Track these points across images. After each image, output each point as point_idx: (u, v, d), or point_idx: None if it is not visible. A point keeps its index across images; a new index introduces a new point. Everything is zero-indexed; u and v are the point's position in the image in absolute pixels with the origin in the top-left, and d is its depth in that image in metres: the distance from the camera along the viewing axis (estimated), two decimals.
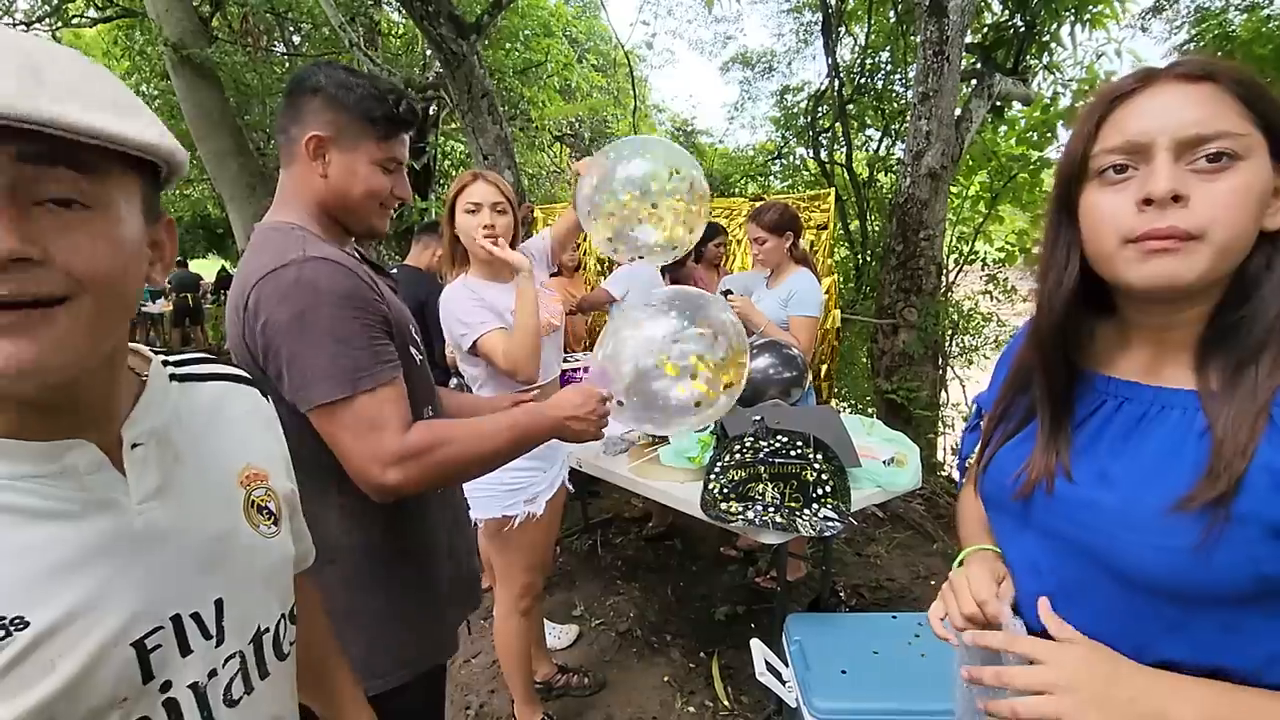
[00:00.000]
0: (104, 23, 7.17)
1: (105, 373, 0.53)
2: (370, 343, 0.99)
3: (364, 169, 1.09)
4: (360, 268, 1.05)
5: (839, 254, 5.61)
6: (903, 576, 3.15)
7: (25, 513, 0.48)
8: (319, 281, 0.96)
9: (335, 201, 1.10)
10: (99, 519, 0.51)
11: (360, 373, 0.97)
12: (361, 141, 1.08)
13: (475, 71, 4.38)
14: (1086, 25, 4.49)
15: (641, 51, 10.13)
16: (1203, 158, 0.60)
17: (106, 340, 0.50)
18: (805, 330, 2.59)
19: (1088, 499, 0.67)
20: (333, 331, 0.96)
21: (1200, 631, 0.61)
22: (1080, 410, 0.72)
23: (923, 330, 4.12)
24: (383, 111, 1.08)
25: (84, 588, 0.49)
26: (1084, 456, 0.70)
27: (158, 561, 0.54)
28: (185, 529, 0.57)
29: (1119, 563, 0.64)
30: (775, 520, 1.73)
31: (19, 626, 0.45)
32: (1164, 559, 0.60)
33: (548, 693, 2.33)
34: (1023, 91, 4.62)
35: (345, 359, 0.96)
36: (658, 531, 3.54)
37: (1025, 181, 4.72)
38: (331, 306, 0.96)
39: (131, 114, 0.48)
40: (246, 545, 0.63)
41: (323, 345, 0.95)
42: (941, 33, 3.79)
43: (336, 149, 1.07)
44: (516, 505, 1.86)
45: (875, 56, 6.39)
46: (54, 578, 0.48)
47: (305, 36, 7.86)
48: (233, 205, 5.53)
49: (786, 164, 7.45)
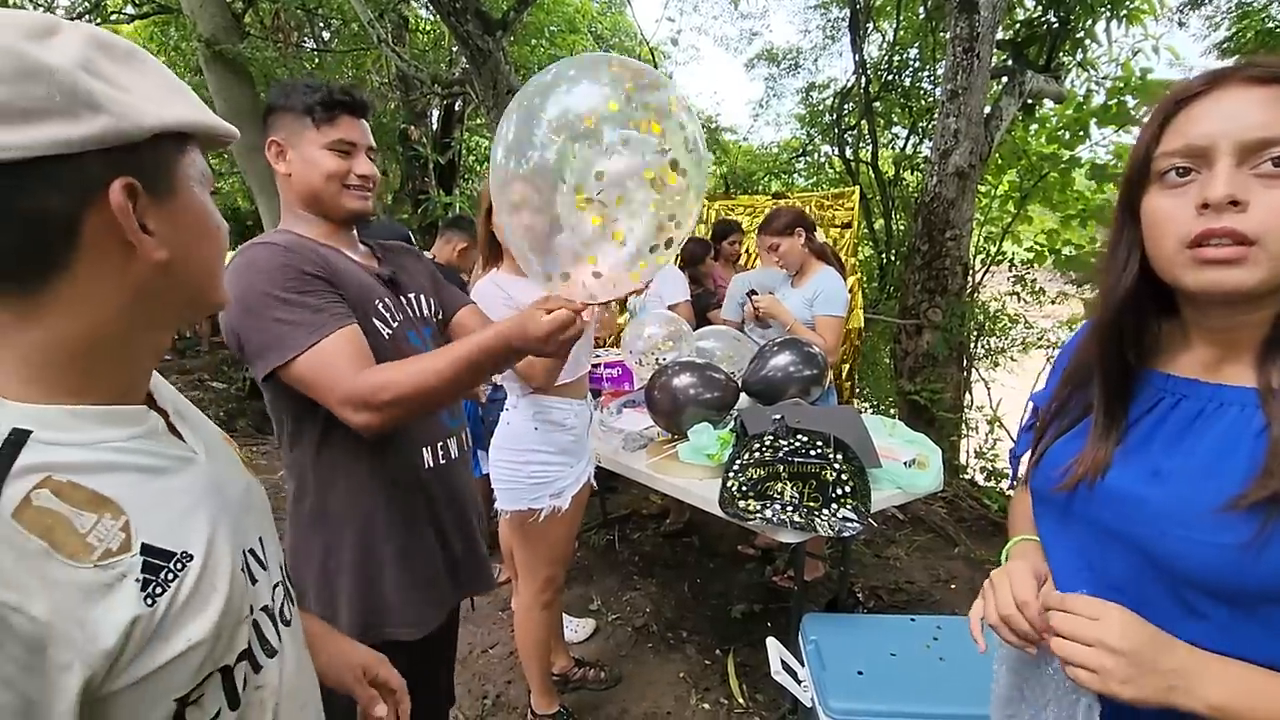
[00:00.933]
0: (141, 19, 7.33)
1: (157, 355, 0.62)
2: (306, 304, 1.07)
3: (314, 155, 1.17)
4: (305, 245, 1.14)
5: (863, 253, 5.56)
6: (922, 580, 3.11)
7: (149, 470, 0.56)
8: (257, 261, 1.08)
9: (306, 193, 1.20)
10: (189, 472, 0.60)
11: (300, 332, 1.05)
12: (305, 132, 1.17)
13: (501, 68, 4.41)
14: (1123, 21, 4.39)
15: (666, 48, 10.11)
16: (1268, 161, 0.59)
17: None
18: (831, 330, 2.57)
19: (1137, 495, 0.67)
20: (269, 302, 1.06)
21: (1245, 630, 0.61)
22: (1136, 408, 0.72)
23: (947, 331, 4.07)
24: (314, 99, 1.16)
25: (206, 527, 0.58)
26: (1137, 453, 0.70)
27: (226, 506, 0.62)
28: (228, 480, 0.66)
29: (1166, 558, 0.65)
30: (793, 519, 1.72)
31: (189, 558, 0.54)
32: (1213, 555, 0.61)
33: (564, 685, 2.34)
34: (1055, 89, 4.53)
35: (284, 324, 1.05)
36: (675, 528, 3.55)
37: (1056, 181, 4.63)
38: (265, 281, 1.06)
39: None
40: (258, 493, 0.73)
41: (263, 315, 1.06)
42: (972, 29, 3.73)
43: (290, 147, 1.18)
44: (542, 499, 1.87)
45: (903, 53, 6.31)
46: (188, 520, 0.57)
47: (334, 33, 7.96)
48: (261, 199, 5.63)
49: (811, 162, 7.40)
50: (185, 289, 0.58)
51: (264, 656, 0.63)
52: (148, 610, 0.50)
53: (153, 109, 0.52)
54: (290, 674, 0.67)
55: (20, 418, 0.49)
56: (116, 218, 0.50)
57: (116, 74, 0.51)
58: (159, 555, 0.52)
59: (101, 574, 0.48)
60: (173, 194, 0.55)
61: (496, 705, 2.35)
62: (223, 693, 0.57)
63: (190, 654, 0.53)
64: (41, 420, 0.50)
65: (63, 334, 0.51)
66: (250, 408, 5.79)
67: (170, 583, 0.52)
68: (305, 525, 1.19)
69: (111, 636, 0.47)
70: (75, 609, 0.46)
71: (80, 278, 0.50)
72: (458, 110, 7.81)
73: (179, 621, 0.52)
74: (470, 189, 8.00)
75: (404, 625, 1.22)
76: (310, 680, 0.75)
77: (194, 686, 0.53)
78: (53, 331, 0.51)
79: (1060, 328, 4.54)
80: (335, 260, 1.17)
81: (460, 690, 2.33)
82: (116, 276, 0.52)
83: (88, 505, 0.49)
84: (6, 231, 0.47)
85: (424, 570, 1.26)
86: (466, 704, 2.34)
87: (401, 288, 1.29)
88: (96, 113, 0.48)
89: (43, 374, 0.52)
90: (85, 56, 0.49)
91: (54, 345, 0.51)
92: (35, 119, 0.46)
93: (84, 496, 0.49)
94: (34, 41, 0.47)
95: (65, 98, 0.47)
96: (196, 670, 0.53)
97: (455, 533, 1.32)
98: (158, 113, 0.52)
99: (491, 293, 1.82)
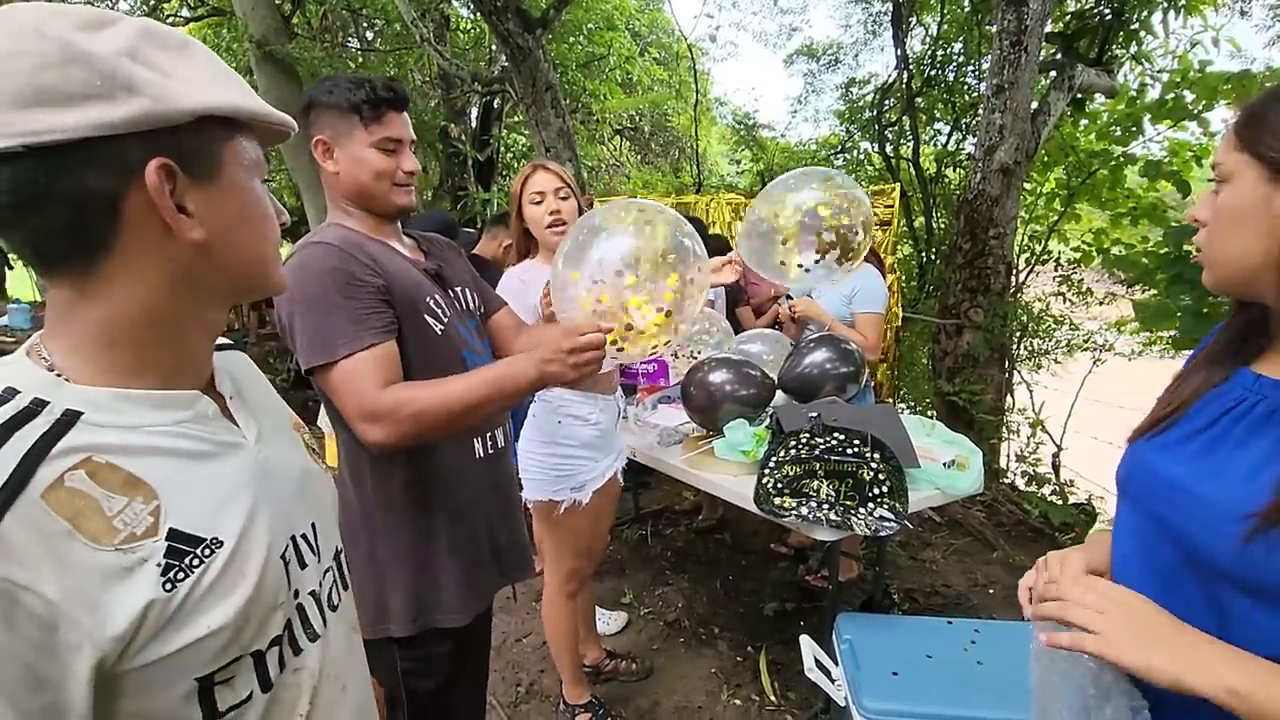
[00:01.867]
0: (195, 21, 7.59)
1: (210, 336, 0.64)
2: (351, 312, 1.10)
3: (363, 154, 1.19)
4: (360, 246, 1.16)
5: (902, 251, 5.46)
6: (959, 583, 3.06)
7: (192, 455, 0.57)
8: (310, 262, 1.11)
9: (355, 191, 1.22)
10: (235, 457, 0.61)
11: (340, 339, 1.08)
12: (353, 131, 1.18)
13: (540, 65, 4.45)
14: (1181, 11, 4.23)
15: (704, 44, 10.05)
16: None
17: None
18: (872, 327, 2.54)
19: (1195, 491, 0.68)
20: (316, 304, 1.10)
21: (1274, 629, 0.61)
22: (1219, 404, 0.72)
23: (989, 332, 3.98)
24: (360, 97, 1.17)
25: (244, 513, 0.59)
26: (1207, 453, 0.70)
27: (275, 492, 0.64)
28: (282, 464, 0.67)
29: (1204, 552, 0.65)
30: (829, 517, 1.72)
31: (218, 545, 0.56)
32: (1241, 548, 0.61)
33: (596, 676, 2.37)
34: (1106, 83, 4.39)
35: (326, 328, 1.09)
36: (708, 525, 3.55)
37: (1105, 179, 4.48)
38: (315, 283, 1.10)
39: None
40: (319, 479, 0.75)
41: (308, 317, 1.10)
42: (1020, 22, 3.63)
43: (337, 145, 1.20)
44: (563, 491, 1.90)
45: (947, 47, 6.18)
46: (225, 506, 0.58)
47: (378, 32, 8.12)
48: (307, 195, 5.79)
49: (850, 159, 7.29)
50: (227, 271, 0.59)
51: (305, 640, 0.65)
52: (165, 595, 0.51)
53: (194, 93, 0.53)
54: (333, 657, 0.69)
55: (75, 399, 0.52)
56: (152, 197, 0.52)
57: (164, 61, 0.53)
58: (186, 541, 0.53)
59: (122, 557, 0.49)
60: (215, 177, 0.56)
61: (530, 693, 2.39)
62: (255, 676, 0.58)
63: (210, 639, 0.53)
64: (94, 403, 0.53)
65: (116, 313, 0.54)
66: (293, 398, 5.96)
67: (195, 568, 0.53)
68: (356, 511, 1.23)
69: (123, 622, 0.48)
70: (89, 592, 0.47)
71: (125, 257, 0.53)
72: (496, 108, 7.90)
73: (201, 607, 0.53)
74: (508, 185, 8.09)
75: (453, 612, 1.25)
76: (357, 663, 0.76)
77: (219, 668, 0.55)
78: (108, 310, 0.54)
79: (1108, 330, 4.39)
80: (387, 259, 1.20)
81: (494, 678, 2.38)
82: (158, 255, 0.54)
83: (121, 488, 0.51)
84: (55, 210, 0.50)
85: (474, 557, 1.29)
86: (500, 691, 2.39)
87: (448, 282, 1.32)
88: (133, 95, 0.50)
89: (103, 354, 0.55)
90: (132, 45, 0.51)
91: (110, 324, 0.54)
92: (77, 103, 0.48)
93: (119, 479, 0.51)
94: (83, 32, 0.50)
95: (105, 82, 0.49)
96: (219, 653, 0.55)
97: (500, 521, 1.35)
98: (198, 96, 0.53)
99: (510, 284, 1.83)
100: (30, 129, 0.47)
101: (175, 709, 0.53)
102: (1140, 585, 0.70)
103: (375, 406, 1.07)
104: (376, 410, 1.07)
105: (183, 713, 0.53)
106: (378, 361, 1.10)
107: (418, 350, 1.19)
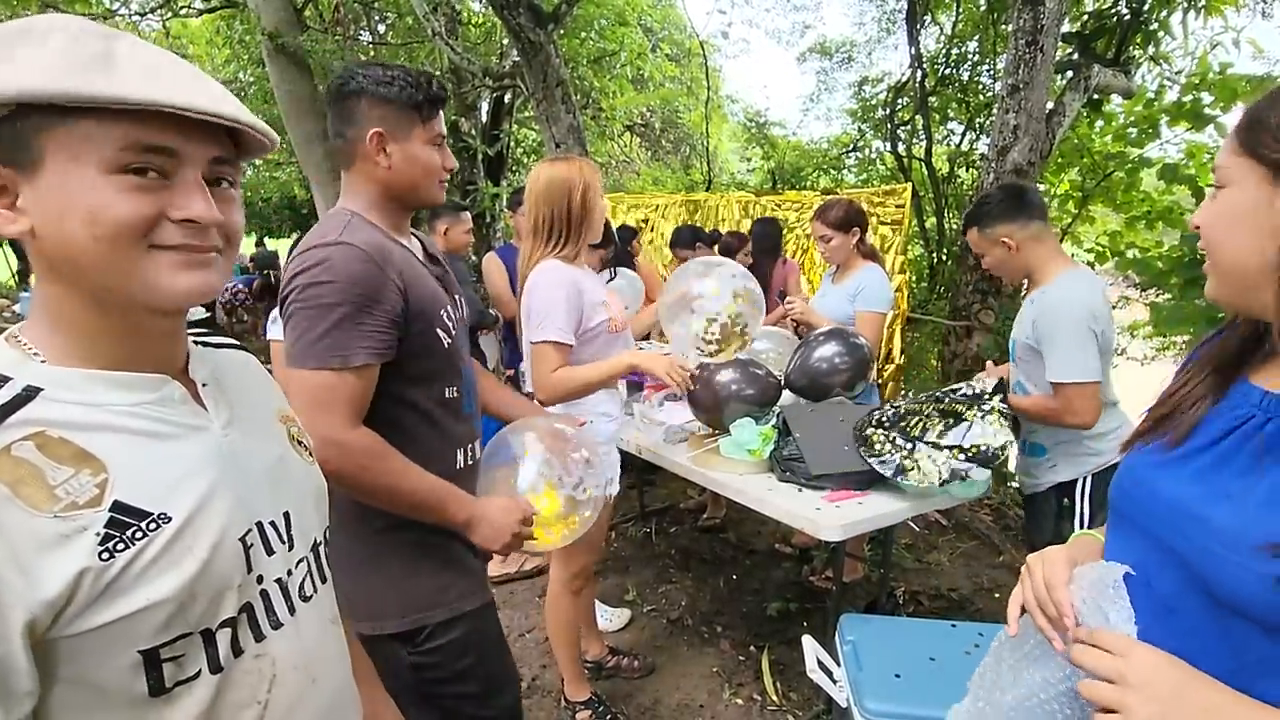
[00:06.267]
0: (209, 13, 7.63)
1: (180, 327, 0.67)
2: (358, 330, 1.06)
3: (419, 151, 1.18)
4: (388, 253, 1.13)
5: (912, 251, 5.43)
6: (965, 587, 3.04)
7: (150, 434, 0.59)
8: (336, 263, 1.07)
9: (401, 186, 1.20)
10: (197, 440, 0.63)
11: (334, 352, 1.05)
12: (412, 128, 1.17)
13: (551, 60, 4.44)
14: (1200, 12, 4.18)
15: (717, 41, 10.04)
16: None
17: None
18: (871, 326, 2.52)
19: (1201, 514, 0.64)
20: (327, 306, 1.06)
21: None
22: (1223, 420, 0.68)
23: (1000, 334, 3.95)
24: (423, 95, 1.16)
25: (199, 492, 0.60)
26: (1213, 473, 0.66)
27: (241, 476, 0.65)
28: (254, 452, 0.68)
29: (1214, 581, 0.62)
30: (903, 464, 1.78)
31: (165, 520, 0.57)
32: (1255, 583, 0.58)
33: (598, 672, 2.37)
34: (1123, 84, 4.34)
35: (329, 337, 1.05)
36: (712, 523, 3.54)
37: (1120, 181, 4.43)
38: (338, 290, 1.06)
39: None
40: (299, 469, 0.75)
41: (316, 320, 1.06)
42: (1036, 21, 3.59)
43: (394, 141, 1.16)
44: None
45: (962, 46, 6.13)
46: (179, 484, 0.59)
47: (390, 26, 8.14)
48: (317, 188, 5.82)
49: (862, 157, 7.25)
50: (73, 267, 0.55)
51: (268, 626, 0.65)
52: (100, 564, 0.52)
53: (11, 80, 0.50)
54: (303, 649, 0.69)
55: (38, 376, 0.55)
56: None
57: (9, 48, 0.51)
58: (130, 513, 0.55)
59: (60, 524, 0.51)
60: (33, 168, 0.53)
61: (532, 688, 2.39)
62: (205, 655, 0.59)
63: (151, 611, 0.55)
64: (60, 381, 0.55)
65: (41, 296, 0.58)
66: None
67: (137, 540, 0.55)
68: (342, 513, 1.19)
69: (56, 585, 0.50)
70: (22, 555, 0.49)
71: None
72: (507, 103, 7.90)
73: (142, 579, 0.54)
74: (517, 181, 8.10)
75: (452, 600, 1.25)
76: (334, 658, 0.76)
77: (164, 642, 0.56)
78: (37, 293, 0.58)
79: (1122, 334, 4.35)
80: (408, 268, 1.17)
81: None
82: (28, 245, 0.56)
83: (70, 460, 0.53)
84: None
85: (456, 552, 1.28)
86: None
87: (450, 288, 1.31)
88: None
89: (61, 338, 0.58)
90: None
91: (47, 306, 0.58)
92: None
93: (69, 452, 0.53)
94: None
95: None
96: (162, 628, 0.56)
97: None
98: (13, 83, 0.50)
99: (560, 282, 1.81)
100: None
101: (121, 679, 0.55)
102: (1138, 611, 0.67)
103: (344, 438, 1.06)
104: (345, 442, 1.06)
105: (129, 684, 0.55)
106: (361, 386, 1.08)
107: (426, 362, 1.17)
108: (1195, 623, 0.64)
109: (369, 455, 1.08)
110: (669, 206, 5.58)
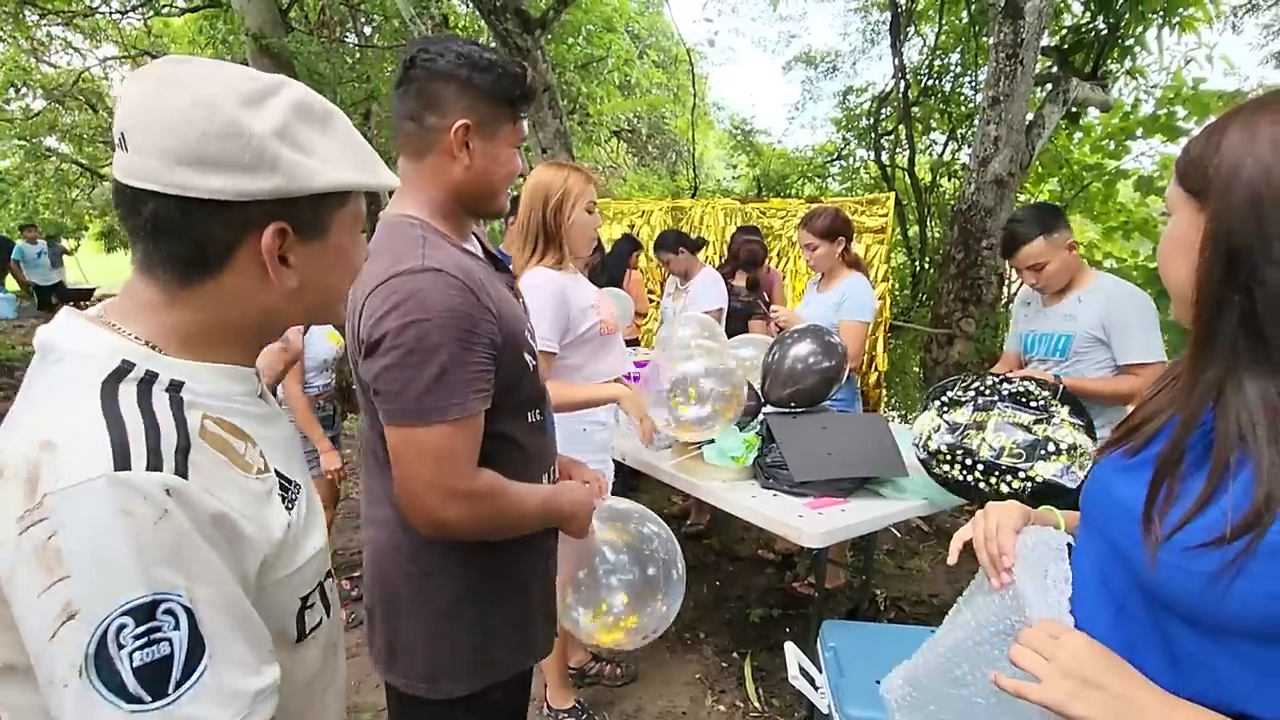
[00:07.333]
0: (191, 12, 7.55)
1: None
2: (467, 371, 0.94)
3: (505, 153, 1.05)
4: (475, 275, 0.98)
5: (895, 260, 5.49)
6: (946, 593, 3.07)
7: (259, 418, 0.68)
8: (428, 295, 0.92)
9: (476, 189, 1.05)
10: (282, 424, 0.73)
11: (451, 401, 0.93)
12: (502, 126, 1.03)
13: (538, 66, 4.45)
14: (1175, 28, 4.28)
15: (703, 49, 10.10)
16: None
17: None
18: (854, 335, 2.53)
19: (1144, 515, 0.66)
20: (434, 354, 0.91)
21: (1226, 670, 0.60)
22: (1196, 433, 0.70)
23: (980, 342, 4.01)
24: (520, 90, 1.02)
25: (301, 467, 0.72)
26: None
27: (298, 453, 0.75)
28: (293, 435, 0.77)
29: (1149, 580, 0.64)
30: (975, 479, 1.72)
31: (300, 488, 0.68)
32: (1183, 580, 0.61)
33: (581, 679, 2.36)
34: (1101, 97, 4.43)
35: (440, 385, 0.92)
36: (695, 529, 3.54)
37: (1098, 192, 4.52)
38: (439, 328, 0.91)
39: None
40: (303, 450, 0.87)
41: (420, 367, 0.91)
42: (1016, 35, 3.66)
43: (482, 137, 1.01)
44: None
45: (944, 58, 6.22)
46: (290, 460, 0.70)
47: (376, 28, 8.11)
48: None
49: (846, 166, 7.32)
50: (307, 308, 0.69)
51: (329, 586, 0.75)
52: (291, 517, 0.64)
53: (325, 173, 0.61)
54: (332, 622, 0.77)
55: (175, 370, 0.61)
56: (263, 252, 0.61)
57: (308, 138, 0.61)
58: (285, 480, 0.66)
59: (260, 484, 0.62)
60: (321, 238, 0.65)
61: None
62: (321, 605, 0.70)
63: (311, 562, 0.67)
64: (189, 373, 0.62)
65: (200, 319, 0.63)
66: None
67: (295, 501, 0.66)
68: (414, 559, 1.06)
69: (278, 530, 0.61)
70: (248, 508, 0.59)
71: (224, 285, 0.62)
72: None
73: (304, 533, 0.66)
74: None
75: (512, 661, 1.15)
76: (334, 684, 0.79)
77: (309, 591, 0.67)
78: (193, 316, 0.63)
79: None
80: (494, 289, 1.02)
81: None
82: (252, 291, 0.63)
83: (235, 434, 0.62)
84: (179, 243, 0.59)
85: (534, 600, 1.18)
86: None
87: (519, 295, 1.20)
88: (274, 173, 0.58)
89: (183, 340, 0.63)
90: (284, 123, 0.59)
91: (192, 324, 0.63)
92: (225, 170, 0.56)
93: (230, 428, 0.62)
94: (246, 108, 0.57)
95: (253, 157, 0.57)
96: (313, 576, 0.68)
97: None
98: (328, 176, 0.62)
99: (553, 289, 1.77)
100: (182, 183, 0.55)
101: (284, 625, 0.65)
102: (1097, 610, 0.70)
103: (473, 486, 0.96)
104: (475, 490, 0.96)
105: (289, 630, 0.66)
106: (475, 434, 0.97)
107: (515, 393, 1.05)
108: (1140, 620, 0.67)
109: (494, 496, 0.99)
110: (654, 213, 5.60)
